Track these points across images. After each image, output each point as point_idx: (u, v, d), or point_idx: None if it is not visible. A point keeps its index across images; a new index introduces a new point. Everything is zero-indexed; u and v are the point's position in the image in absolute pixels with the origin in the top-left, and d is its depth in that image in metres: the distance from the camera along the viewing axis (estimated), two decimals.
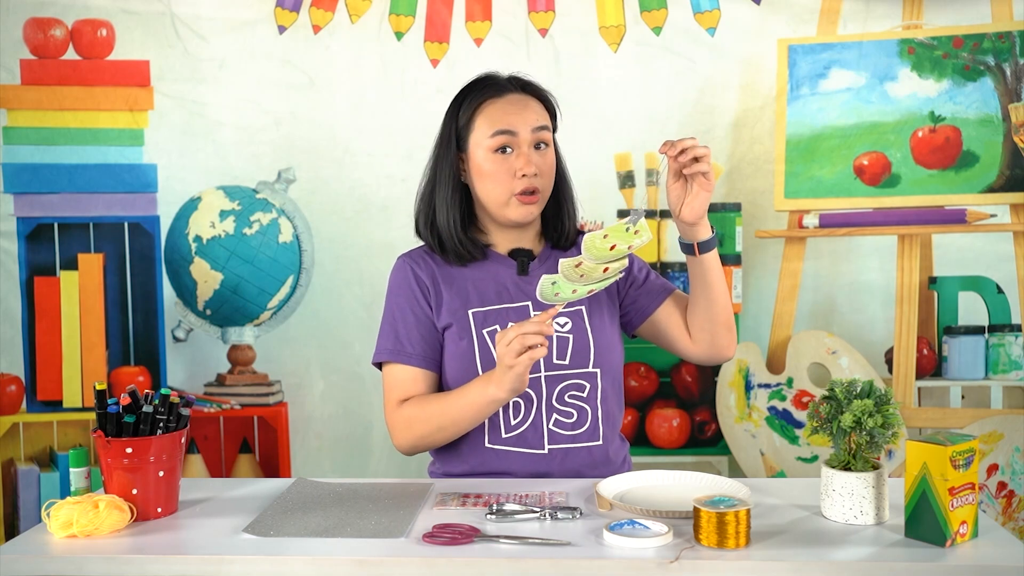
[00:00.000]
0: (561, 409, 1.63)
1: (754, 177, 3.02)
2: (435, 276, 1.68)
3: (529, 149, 1.63)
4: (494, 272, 1.69)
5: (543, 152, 1.65)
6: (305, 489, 1.51)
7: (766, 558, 1.17)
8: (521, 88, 1.68)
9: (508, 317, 1.64)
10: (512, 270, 1.69)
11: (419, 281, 1.68)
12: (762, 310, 2.99)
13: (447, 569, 1.18)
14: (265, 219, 2.64)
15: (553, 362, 1.63)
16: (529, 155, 1.63)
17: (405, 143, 3.02)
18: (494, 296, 1.66)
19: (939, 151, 2.74)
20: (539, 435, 1.62)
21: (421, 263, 1.70)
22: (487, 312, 1.65)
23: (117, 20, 2.78)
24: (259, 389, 2.74)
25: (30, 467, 2.64)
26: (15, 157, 2.60)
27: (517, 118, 1.63)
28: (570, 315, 1.66)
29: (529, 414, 1.62)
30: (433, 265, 1.70)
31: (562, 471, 1.62)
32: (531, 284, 1.65)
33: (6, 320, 2.83)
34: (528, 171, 1.61)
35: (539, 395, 1.62)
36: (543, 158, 1.65)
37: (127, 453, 1.35)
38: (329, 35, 3.00)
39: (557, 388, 1.63)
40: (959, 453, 1.21)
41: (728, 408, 2.81)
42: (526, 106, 1.65)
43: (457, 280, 1.68)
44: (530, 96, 1.68)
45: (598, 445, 1.65)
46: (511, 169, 1.62)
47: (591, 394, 1.65)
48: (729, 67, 3.01)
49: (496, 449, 1.63)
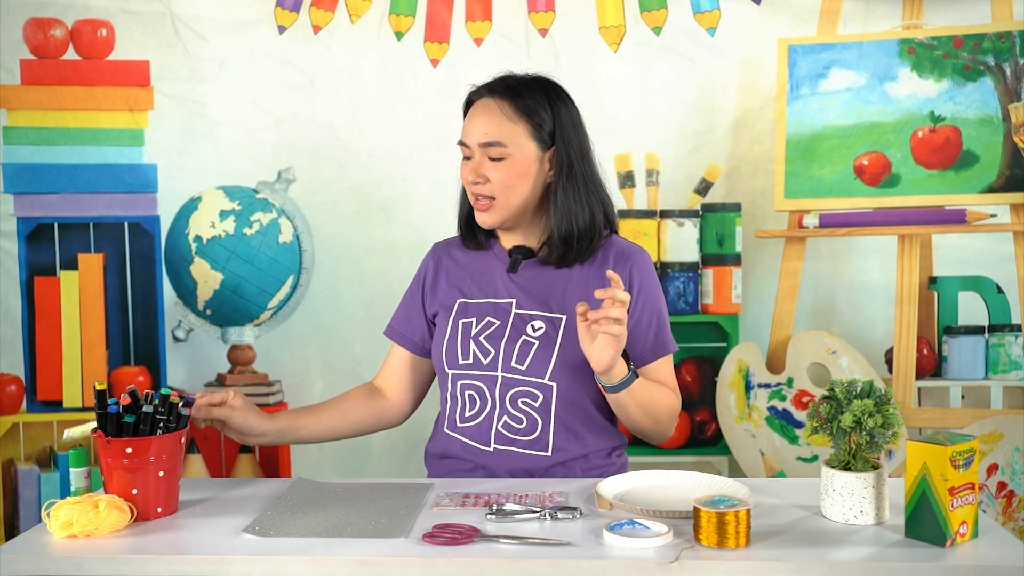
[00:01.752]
0: (512, 413, 1.65)
1: (754, 177, 3.02)
2: (440, 266, 1.79)
3: (481, 158, 1.66)
4: (490, 265, 1.75)
5: (496, 164, 1.65)
6: (305, 489, 1.51)
7: (766, 558, 1.17)
8: (490, 91, 1.68)
9: (489, 311, 1.69)
10: (506, 265, 1.72)
11: (426, 274, 1.80)
12: (762, 310, 2.99)
13: (447, 569, 1.18)
14: (265, 219, 2.64)
15: (511, 364, 1.64)
16: (478, 164, 1.66)
17: (405, 143, 3.02)
18: (486, 287, 1.72)
19: (939, 151, 2.74)
20: (487, 432, 1.65)
21: (440, 249, 1.82)
22: (470, 303, 1.72)
23: (117, 20, 2.78)
24: (259, 389, 2.74)
25: (30, 467, 2.64)
26: (15, 157, 2.59)
27: (469, 130, 1.68)
28: (546, 321, 1.66)
29: (483, 410, 1.66)
30: (447, 255, 1.80)
31: (503, 472, 1.64)
32: (521, 281, 1.70)
33: (6, 320, 2.82)
34: (469, 178, 1.67)
35: (492, 393, 1.65)
36: (493, 167, 1.65)
37: (127, 453, 1.35)
38: (329, 35, 3.00)
39: (511, 391, 1.64)
40: (959, 453, 1.21)
41: (728, 408, 2.81)
42: (485, 117, 1.65)
43: (460, 269, 1.77)
44: (501, 100, 1.66)
45: (545, 456, 1.63)
46: (467, 176, 1.68)
47: (544, 406, 1.64)
48: (729, 67, 3.01)
49: (451, 436, 1.69)
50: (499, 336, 1.67)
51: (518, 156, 1.65)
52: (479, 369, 1.66)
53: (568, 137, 1.68)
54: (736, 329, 2.86)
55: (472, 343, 1.67)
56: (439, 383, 1.77)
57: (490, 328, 1.68)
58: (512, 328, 1.67)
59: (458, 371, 1.68)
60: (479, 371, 1.66)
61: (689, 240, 2.83)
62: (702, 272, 2.86)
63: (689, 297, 2.84)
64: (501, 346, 1.65)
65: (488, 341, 1.67)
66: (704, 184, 2.93)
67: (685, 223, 2.83)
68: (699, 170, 2.97)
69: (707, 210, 2.86)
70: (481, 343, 1.67)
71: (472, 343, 1.67)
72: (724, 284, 2.82)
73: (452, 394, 1.69)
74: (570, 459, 1.65)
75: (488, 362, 1.65)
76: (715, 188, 2.97)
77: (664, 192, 2.97)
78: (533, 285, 1.69)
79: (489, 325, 1.68)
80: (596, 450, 1.68)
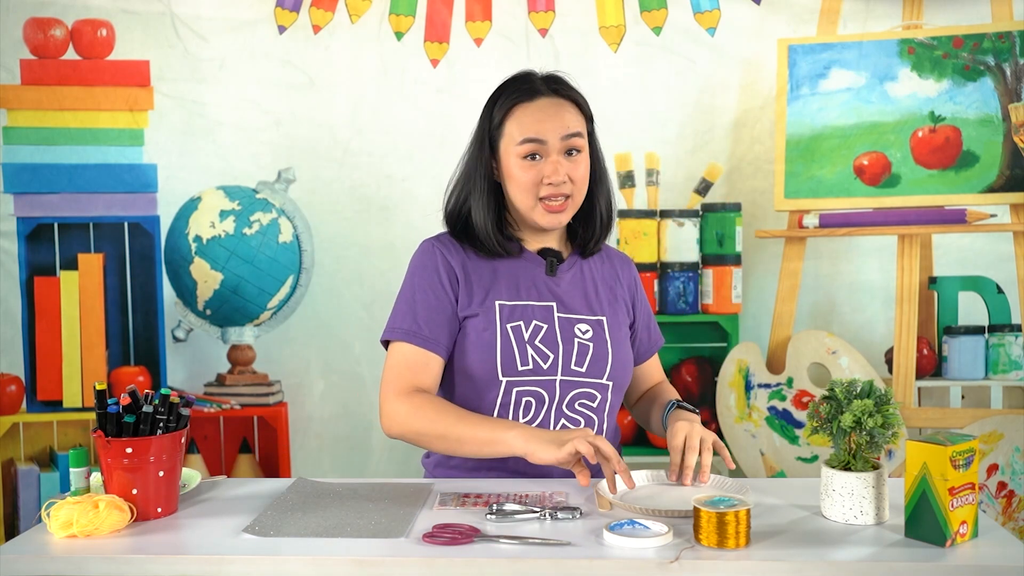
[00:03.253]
0: (570, 416, 1.63)
1: (754, 177, 3.02)
2: (465, 264, 1.65)
3: (559, 156, 1.60)
4: (524, 268, 1.67)
5: (574, 159, 1.61)
6: (305, 489, 1.51)
7: (766, 558, 1.17)
8: (554, 91, 1.63)
9: (534, 314, 1.63)
10: (541, 268, 1.68)
11: (448, 267, 1.64)
12: (762, 310, 2.99)
13: (447, 569, 1.18)
14: (265, 219, 2.64)
15: (571, 368, 1.62)
16: (558, 162, 1.59)
17: (405, 143, 3.02)
18: (522, 291, 1.64)
19: (939, 151, 2.74)
20: None
21: (452, 249, 1.66)
22: (513, 307, 1.63)
23: (117, 20, 2.78)
24: (259, 389, 2.74)
25: (30, 467, 2.64)
26: (15, 157, 2.59)
27: (546, 126, 1.59)
28: (592, 324, 1.66)
29: (539, 415, 1.61)
30: (463, 253, 1.66)
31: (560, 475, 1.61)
32: (557, 285, 1.67)
33: (6, 320, 2.83)
34: (555, 179, 1.59)
35: (552, 398, 1.61)
36: (574, 165, 1.61)
37: (127, 453, 1.35)
38: (329, 35, 3.00)
39: (570, 394, 1.62)
40: (959, 453, 1.21)
41: (728, 408, 2.81)
42: (557, 111, 1.61)
43: (486, 270, 1.65)
44: (563, 99, 1.63)
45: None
46: (539, 176, 1.60)
47: (600, 405, 1.65)
48: (729, 67, 3.01)
49: None
50: (552, 339, 1.62)
51: (585, 152, 1.64)
52: (539, 374, 1.60)
53: (595, 134, 1.70)
54: (736, 329, 2.86)
55: (529, 348, 1.60)
56: (472, 390, 1.63)
57: (540, 332, 1.62)
58: (562, 331, 1.63)
59: (516, 378, 1.60)
60: (539, 376, 1.60)
61: (689, 240, 2.83)
62: (702, 272, 2.86)
63: (689, 297, 2.84)
64: (559, 350, 1.62)
65: (544, 345, 1.62)
66: (704, 184, 2.93)
67: (685, 223, 2.83)
68: (699, 170, 2.97)
69: (707, 210, 2.86)
70: (539, 348, 1.61)
71: (529, 348, 1.60)
72: (724, 284, 2.82)
73: (504, 403, 1.60)
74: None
75: (548, 367, 1.61)
76: (715, 188, 2.97)
77: (664, 192, 2.97)
78: (567, 288, 1.68)
79: (539, 329, 1.62)
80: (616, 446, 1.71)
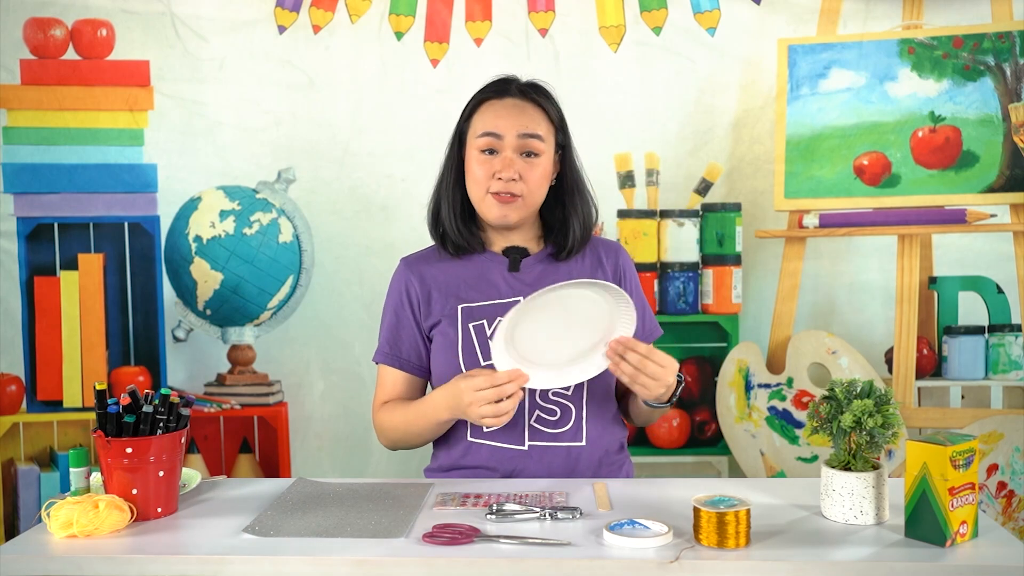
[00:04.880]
0: (545, 407, 1.64)
1: (754, 177, 3.02)
2: (427, 278, 1.71)
3: (513, 153, 1.64)
4: (486, 268, 1.71)
5: (530, 161, 1.65)
6: (305, 489, 1.51)
7: (766, 558, 1.17)
8: (523, 94, 1.67)
9: (497, 312, 1.65)
10: (504, 267, 1.70)
11: (410, 289, 1.71)
12: (762, 310, 2.99)
13: (447, 569, 1.18)
14: (265, 219, 2.64)
15: None
16: (512, 159, 1.63)
17: (405, 143, 3.02)
18: (484, 292, 1.68)
19: (939, 151, 2.74)
20: (519, 430, 1.63)
21: (416, 267, 1.73)
22: (474, 308, 1.66)
23: (117, 20, 2.78)
24: (259, 389, 2.74)
25: (30, 467, 2.64)
26: (15, 157, 2.59)
27: (505, 122, 1.64)
28: None
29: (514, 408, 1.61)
30: (427, 267, 1.72)
31: (539, 470, 1.62)
32: (521, 281, 1.68)
33: (6, 320, 2.83)
34: (504, 175, 1.63)
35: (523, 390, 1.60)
36: (528, 166, 1.64)
37: (127, 453, 1.35)
38: (329, 35, 3.00)
39: None
40: (959, 453, 1.21)
41: (728, 408, 2.81)
42: (520, 111, 1.65)
43: (450, 278, 1.70)
44: (531, 103, 1.67)
45: (581, 447, 1.64)
46: (491, 170, 1.64)
47: (577, 393, 1.65)
48: (729, 67, 3.01)
49: (477, 444, 1.65)
50: None
51: (544, 157, 1.67)
52: None
53: (570, 140, 1.73)
54: (736, 329, 2.86)
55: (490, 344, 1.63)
56: None
57: None
58: None
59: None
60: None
61: (689, 240, 2.83)
62: (702, 272, 2.86)
63: (689, 297, 2.84)
64: None
65: None
66: (704, 184, 2.93)
67: (685, 223, 2.83)
68: (699, 170, 2.97)
69: (707, 210, 2.86)
70: None
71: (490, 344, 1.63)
72: (724, 284, 2.82)
73: None
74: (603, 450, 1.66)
75: None
76: (715, 188, 2.97)
77: (664, 192, 2.97)
78: (535, 282, 1.69)
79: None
80: (617, 439, 1.70)
